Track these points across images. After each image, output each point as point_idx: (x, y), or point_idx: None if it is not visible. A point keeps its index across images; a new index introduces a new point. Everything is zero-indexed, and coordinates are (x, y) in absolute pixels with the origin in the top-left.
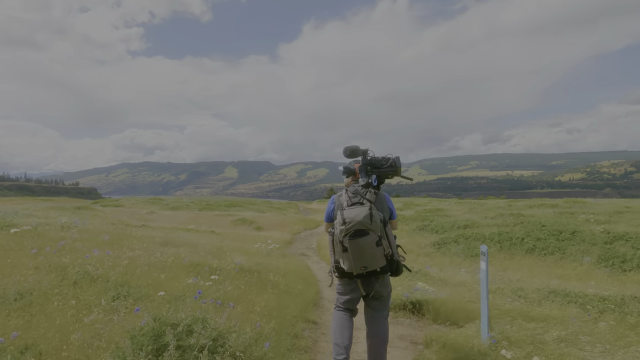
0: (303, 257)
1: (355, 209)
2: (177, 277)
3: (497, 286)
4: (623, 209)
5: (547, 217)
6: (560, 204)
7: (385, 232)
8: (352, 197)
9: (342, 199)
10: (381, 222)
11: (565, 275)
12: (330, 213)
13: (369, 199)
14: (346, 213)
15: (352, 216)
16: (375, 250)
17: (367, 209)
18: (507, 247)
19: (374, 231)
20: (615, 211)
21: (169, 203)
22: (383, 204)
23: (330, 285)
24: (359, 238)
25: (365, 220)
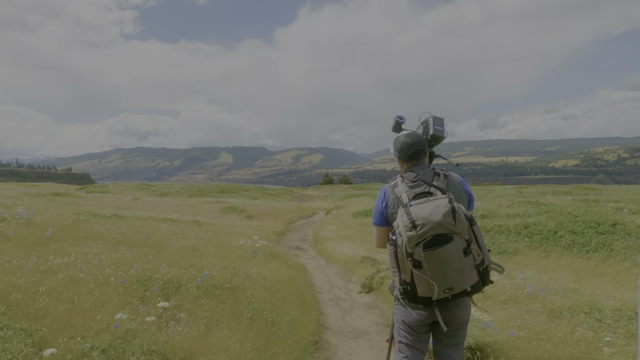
0: (298, 251)
1: (427, 204)
2: (104, 305)
3: (554, 299)
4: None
5: (572, 206)
6: (574, 191)
7: (473, 231)
8: (413, 185)
9: (399, 189)
10: (467, 219)
11: (623, 281)
12: (382, 211)
13: (438, 185)
14: (414, 211)
15: (424, 215)
16: (463, 261)
17: (445, 202)
18: (539, 243)
19: (460, 234)
20: (633, 199)
21: (158, 189)
22: (458, 189)
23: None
24: (440, 247)
25: (446, 219)
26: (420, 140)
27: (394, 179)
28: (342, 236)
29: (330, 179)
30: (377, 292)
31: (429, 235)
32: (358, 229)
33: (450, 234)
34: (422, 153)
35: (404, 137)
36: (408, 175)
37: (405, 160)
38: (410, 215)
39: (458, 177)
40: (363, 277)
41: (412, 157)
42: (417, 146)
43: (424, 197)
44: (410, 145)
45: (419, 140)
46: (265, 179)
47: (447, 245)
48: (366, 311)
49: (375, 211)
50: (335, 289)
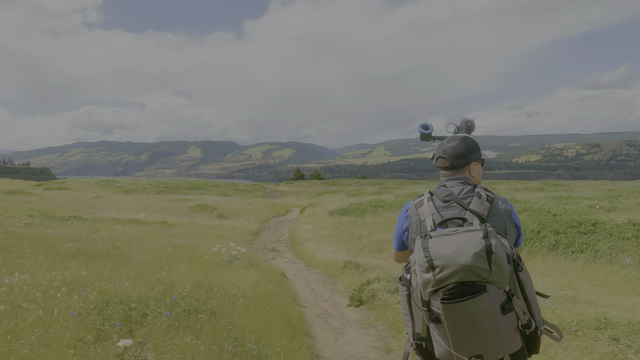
0: (274, 253)
1: (453, 238)
2: (48, 345)
3: (559, 312)
4: (607, 192)
5: (549, 204)
6: (545, 187)
7: (519, 279)
8: (444, 206)
9: (424, 210)
10: (510, 263)
11: (613, 283)
12: (402, 237)
13: (476, 210)
14: (434, 245)
15: (447, 253)
16: (500, 321)
17: (479, 237)
18: (523, 243)
19: (496, 284)
20: (608, 195)
21: (123, 185)
22: (504, 220)
23: None
24: (465, 300)
25: (477, 262)
26: (459, 144)
27: (421, 196)
28: (320, 237)
29: (302, 174)
30: (368, 307)
31: (451, 282)
32: (336, 228)
33: (482, 282)
34: (459, 160)
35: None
36: (439, 191)
37: (439, 169)
38: (428, 252)
39: (506, 204)
40: (349, 286)
41: (443, 164)
42: (452, 150)
43: (453, 225)
44: (444, 149)
45: (457, 144)
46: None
47: (476, 298)
48: (360, 331)
49: (395, 234)
50: (321, 301)
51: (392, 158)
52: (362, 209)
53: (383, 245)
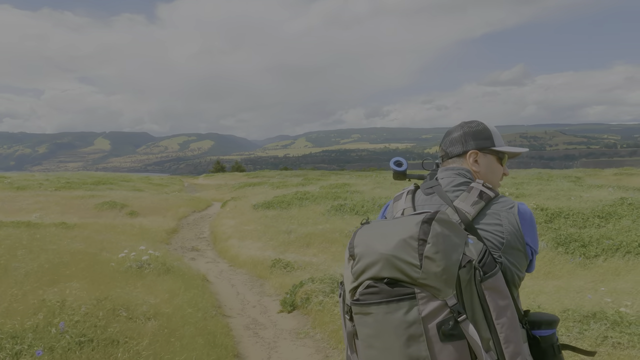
0: (194, 253)
1: (389, 223)
2: None
3: None
4: (511, 179)
5: None
6: None
7: (481, 296)
8: (423, 200)
9: (399, 204)
10: (467, 268)
11: (553, 275)
12: None
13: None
14: (362, 232)
15: (368, 240)
16: (434, 350)
17: (417, 220)
18: None
19: (431, 290)
20: (512, 183)
21: (14, 181)
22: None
23: None
24: (377, 304)
25: (401, 253)
26: (456, 127)
27: (403, 190)
28: (244, 232)
29: (222, 167)
30: (302, 312)
31: (366, 277)
32: (262, 222)
33: (407, 282)
34: (453, 147)
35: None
36: (426, 183)
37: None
38: (353, 238)
39: (513, 207)
40: (279, 289)
41: (440, 154)
42: (448, 136)
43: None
44: (446, 134)
45: (454, 128)
46: (149, 167)
47: (395, 304)
48: (296, 343)
49: None
50: (249, 307)
51: (314, 149)
52: (287, 202)
53: (311, 239)
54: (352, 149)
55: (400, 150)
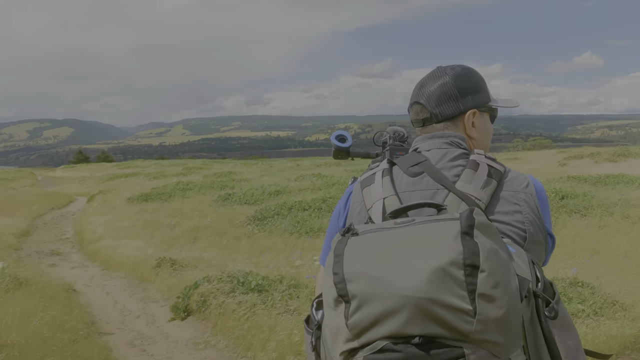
0: (55, 258)
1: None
2: None
3: None
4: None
5: (348, 176)
6: (342, 163)
7: (547, 339)
8: (410, 184)
9: (374, 190)
10: (529, 299)
11: None
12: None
13: (468, 193)
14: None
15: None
16: None
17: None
18: None
19: (489, 346)
20: None
21: None
22: (524, 212)
23: None
24: None
25: (442, 293)
26: (448, 79)
27: (374, 167)
28: (119, 230)
29: (86, 157)
30: (199, 317)
31: (379, 336)
32: (139, 218)
33: (453, 340)
34: (445, 106)
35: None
36: (405, 158)
37: (414, 124)
38: (341, 264)
39: (529, 184)
40: (168, 292)
41: (418, 115)
42: (434, 90)
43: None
44: (422, 89)
45: (443, 80)
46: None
47: None
48: (195, 355)
49: (327, 237)
50: (131, 318)
51: (192, 137)
52: (168, 193)
53: (199, 233)
54: (233, 136)
55: (281, 137)
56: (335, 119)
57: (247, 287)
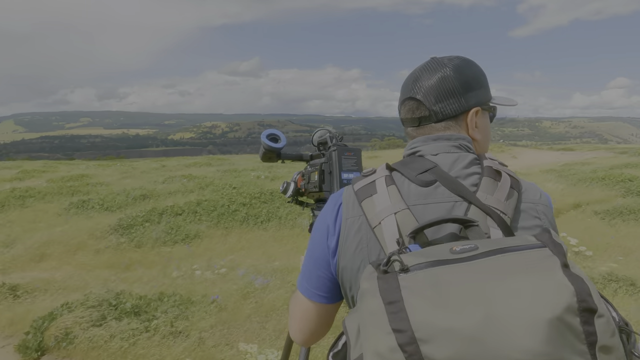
0: None
1: (477, 270)
2: None
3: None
4: (261, 164)
5: (223, 178)
6: (213, 162)
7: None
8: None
9: (379, 202)
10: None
11: (303, 247)
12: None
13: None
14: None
15: (466, 324)
16: None
17: (554, 269)
18: (217, 220)
19: None
20: (264, 166)
21: None
22: (544, 225)
23: None
24: None
25: (556, 351)
26: (449, 72)
27: (368, 175)
28: None
29: None
30: (58, 355)
31: None
32: None
33: None
34: (447, 103)
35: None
36: (409, 163)
37: (407, 125)
38: (404, 318)
39: (541, 193)
40: (10, 328)
41: (414, 113)
42: (433, 84)
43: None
44: (417, 83)
45: (443, 72)
46: None
47: None
48: None
49: (307, 263)
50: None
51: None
52: (0, 203)
53: (47, 249)
54: (82, 134)
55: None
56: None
57: (121, 311)
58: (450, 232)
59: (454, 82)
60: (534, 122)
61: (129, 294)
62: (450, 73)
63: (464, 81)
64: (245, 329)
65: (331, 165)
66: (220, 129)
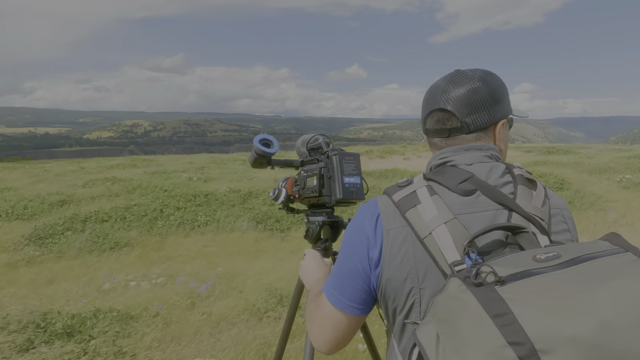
0: None
1: (590, 275)
2: None
3: (232, 300)
4: (190, 164)
5: (152, 180)
6: (138, 163)
7: None
8: (465, 204)
9: (426, 211)
10: None
11: (244, 251)
12: (364, 275)
13: (533, 214)
14: (539, 305)
15: (603, 338)
16: None
17: None
18: (149, 225)
19: None
20: (194, 167)
21: None
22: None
23: None
24: None
25: None
26: (478, 84)
27: (404, 186)
28: None
29: None
30: None
31: None
32: None
33: None
34: (478, 115)
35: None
36: (446, 173)
37: (432, 135)
38: (518, 329)
39: (561, 198)
40: None
41: (445, 124)
42: (463, 95)
43: (497, 246)
44: (444, 94)
45: (473, 84)
46: None
47: None
48: None
49: (341, 271)
50: None
51: None
52: None
53: None
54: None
55: (51, 135)
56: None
57: (51, 333)
58: (497, 239)
59: (484, 95)
60: None
61: (57, 312)
62: (479, 85)
63: (492, 94)
64: (197, 342)
65: (332, 170)
66: (143, 128)
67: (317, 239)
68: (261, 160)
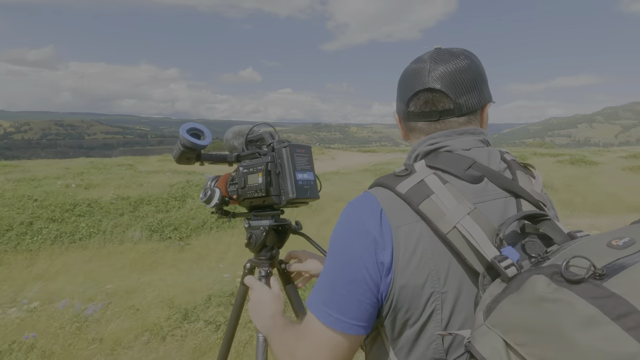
0: None
1: None
2: None
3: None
4: (66, 170)
5: (18, 188)
6: None
7: None
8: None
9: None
10: None
11: (139, 263)
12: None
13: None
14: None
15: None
16: None
17: None
18: (15, 241)
19: None
20: (70, 173)
21: None
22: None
23: None
24: None
25: None
26: (466, 64)
27: (403, 176)
28: None
29: None
30: None
31: None
32: None
33: None
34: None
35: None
36: (445, 159)
37: (417, 118)
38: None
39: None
40: None
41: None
42: (455, 76)
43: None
44: (433, 73)
45: (461, 64)
46: None
47: None
48: None
49: (339, 283)
50: None
51: None
52: None
53: None
54: None
55: None
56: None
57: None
58: (515, 230)
59: (473, 74)
60: (344, 128)
61: None
62: (468, 63)
63: (479, 73)
64: None
65: (281, 165)
66: (3, 129)
67: (261, 247)
68: (189, 155)
